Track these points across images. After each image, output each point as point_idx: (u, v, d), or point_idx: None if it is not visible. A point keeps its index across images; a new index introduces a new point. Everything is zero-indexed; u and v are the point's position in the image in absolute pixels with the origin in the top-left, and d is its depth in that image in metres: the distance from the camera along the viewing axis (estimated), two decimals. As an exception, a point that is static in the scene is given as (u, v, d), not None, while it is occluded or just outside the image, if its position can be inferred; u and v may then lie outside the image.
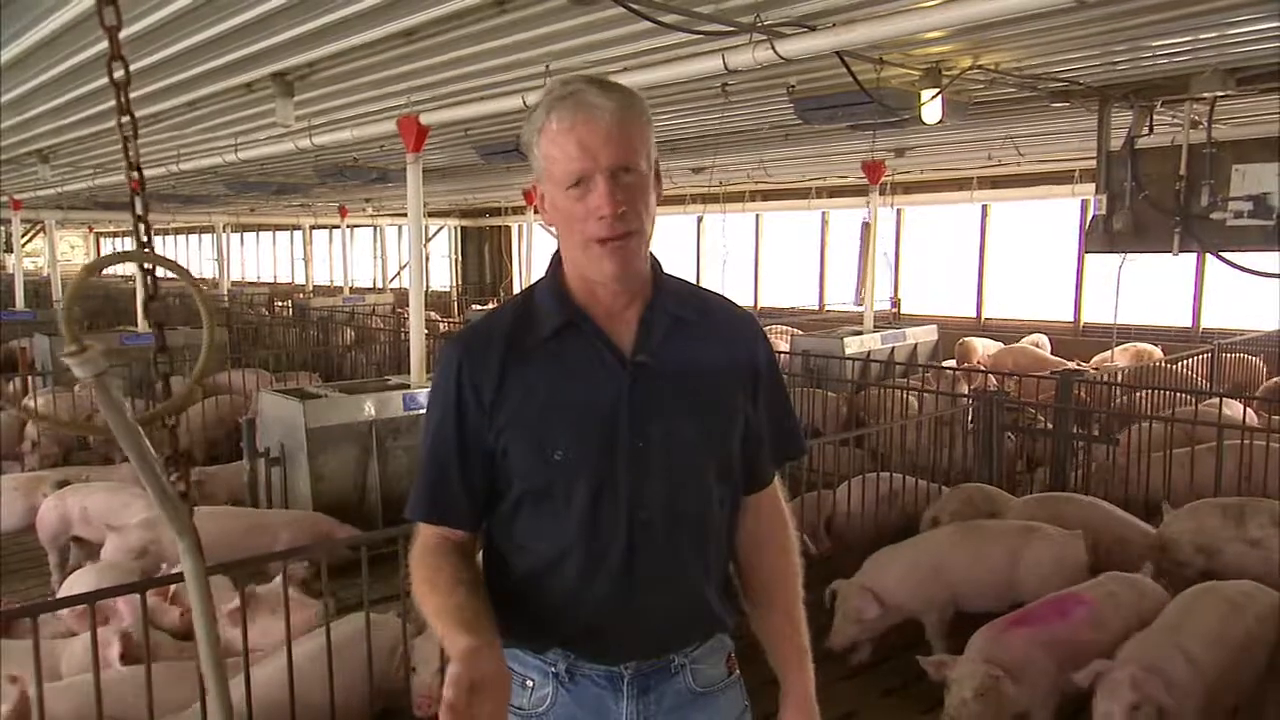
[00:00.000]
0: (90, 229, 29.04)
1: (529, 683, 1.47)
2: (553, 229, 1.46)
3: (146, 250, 1.49)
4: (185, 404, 1.51)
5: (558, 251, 1.49)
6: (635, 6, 3.72)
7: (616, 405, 1.40)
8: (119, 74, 1.45)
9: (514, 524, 1.47)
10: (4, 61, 5.07)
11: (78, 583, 3.91)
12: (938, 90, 5.07)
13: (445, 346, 1.51)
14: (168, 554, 4.14)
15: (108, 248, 33.31)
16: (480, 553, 1.53)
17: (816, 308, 14.18)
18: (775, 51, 3.95)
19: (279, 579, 3.14)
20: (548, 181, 1.40)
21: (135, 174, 1.50)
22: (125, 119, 1.46)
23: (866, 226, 8.83)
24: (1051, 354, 10.51)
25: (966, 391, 6.83)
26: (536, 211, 1.51)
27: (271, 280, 25.85)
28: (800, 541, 1.66)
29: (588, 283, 1.44)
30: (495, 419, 1.42)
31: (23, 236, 16.96)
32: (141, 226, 1.48)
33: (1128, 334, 10.22)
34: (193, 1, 3.93)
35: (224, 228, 19.79)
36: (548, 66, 5.03)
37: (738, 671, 1.59)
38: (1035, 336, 11.32)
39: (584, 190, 1.35)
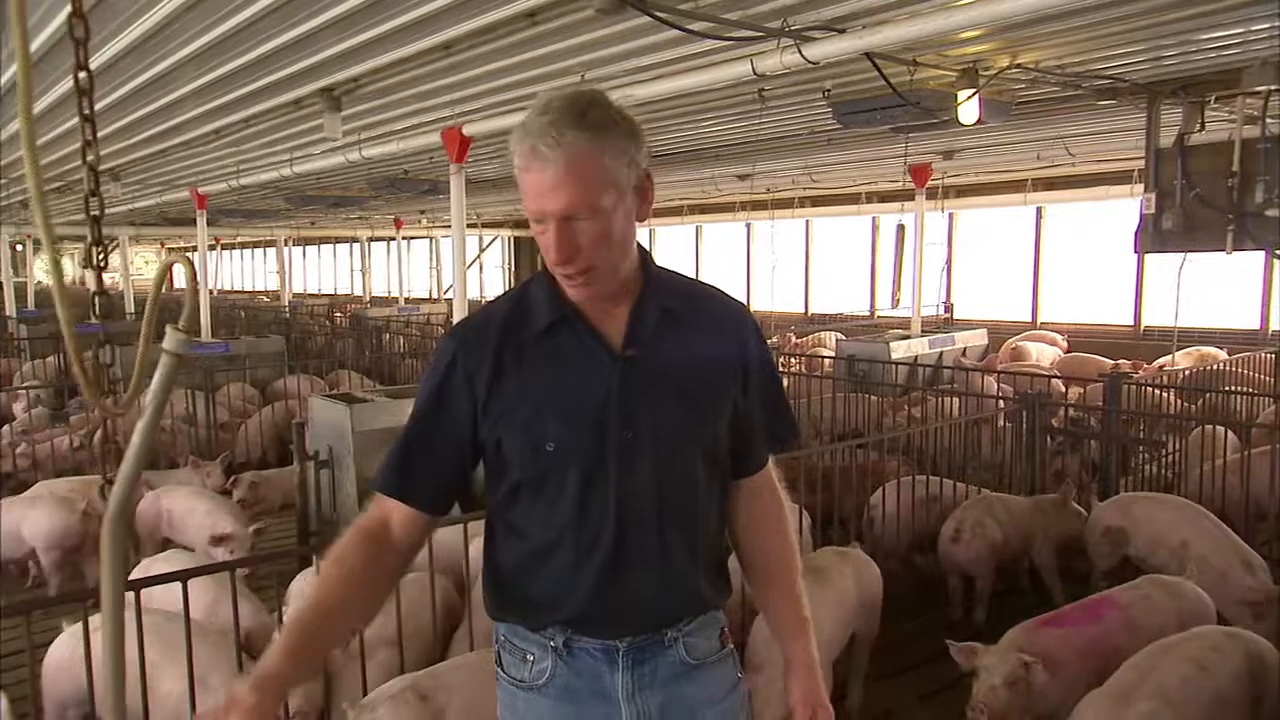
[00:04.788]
0: (162, 244, 30.20)
1: (529, 656, 1.54)
2: None
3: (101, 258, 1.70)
4: (130, 402, 1.70)
5: None
6: (662, 15, 3.79)
7: (606, 398, 1.46)
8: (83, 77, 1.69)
9: (510, 510, 1.54)
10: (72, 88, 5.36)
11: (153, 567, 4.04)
12: (974, 90, 5.02)
13: (443, 339, 1.58)
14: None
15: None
16: (415, 540, 1.58)
17: (868, 313, 14.05)
18: (802, 55, 3.98)
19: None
20: None
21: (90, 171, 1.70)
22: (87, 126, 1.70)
23: (901, 229, 8.72)
24: (1094, 355, 10.25)
25: (1010, 394, 6.69)
26: None
27: (332, 292, 26.57)
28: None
29: None
30: (489, 411, 1.48)
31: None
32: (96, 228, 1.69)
33: (1191, 337, 9.90)
34: (240, 22, 4.12)
35: (286, 241, 20.43)
36: (582, 76, 5.13)
37: (731, 645, 1.64)
38: (1048, 334, 11.09)
39: (544, 226, 1.40)
